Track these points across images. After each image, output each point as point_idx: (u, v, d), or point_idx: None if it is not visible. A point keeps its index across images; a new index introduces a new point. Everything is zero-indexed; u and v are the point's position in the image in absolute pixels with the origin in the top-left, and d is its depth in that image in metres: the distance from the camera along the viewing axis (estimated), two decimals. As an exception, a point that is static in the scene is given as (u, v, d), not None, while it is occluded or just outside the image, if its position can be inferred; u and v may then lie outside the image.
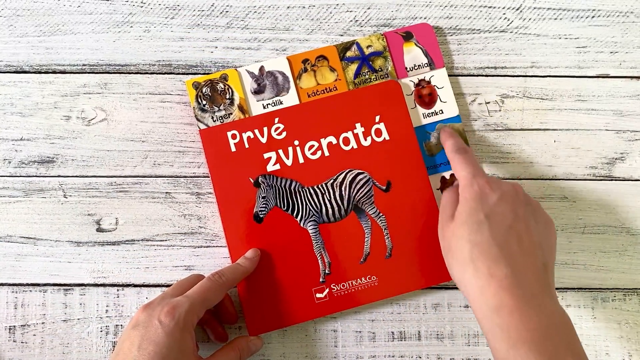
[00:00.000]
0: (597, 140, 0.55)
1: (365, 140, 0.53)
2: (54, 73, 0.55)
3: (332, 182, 0.53)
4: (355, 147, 0.53)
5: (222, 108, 0.54)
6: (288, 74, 0.54)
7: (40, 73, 0.55)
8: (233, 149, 0.53)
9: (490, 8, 0.56)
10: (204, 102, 0.54)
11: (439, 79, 0.55)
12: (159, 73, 0.55)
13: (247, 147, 0.53)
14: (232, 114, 0.54)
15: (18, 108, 0.54)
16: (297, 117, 0.53)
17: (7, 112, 0.54)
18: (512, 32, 0.56)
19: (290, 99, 0.54)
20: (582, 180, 0.55)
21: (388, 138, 0.53)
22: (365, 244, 0.52)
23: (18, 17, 0.55)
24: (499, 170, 0.55)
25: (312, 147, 0.53)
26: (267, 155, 0.53)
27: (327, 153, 0.53)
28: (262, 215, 0.52)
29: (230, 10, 0.56)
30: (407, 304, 0.53)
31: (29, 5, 0.55)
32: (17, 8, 0.55)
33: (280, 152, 0.53)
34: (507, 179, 0.55)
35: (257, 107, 0.54)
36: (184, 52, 0.55)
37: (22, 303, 0.53)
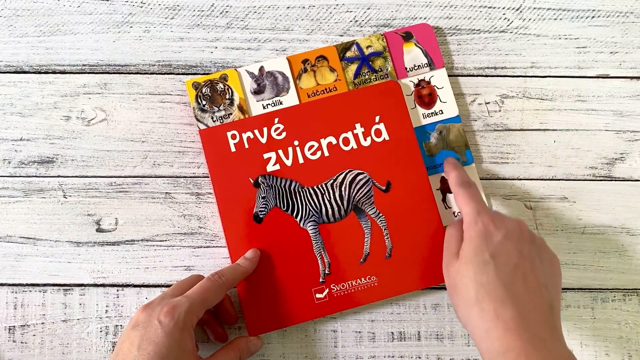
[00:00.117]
0: (597, 141, 0.55)
1: (365, 141, 0.53)
2: (54, 73, 0.55)
3: (332, 182, 0.53)
4: (355, 147, 0.53)
5: (222, 108, 0.54)
6: (288, 74, 0.54)
7: (40, 73, 0.55)
8: (233, 149, 0.53)
9: (490, 8, 0.56)
10: (204, 102, 0.54)
11: (439, 79, 0.55)
12: (159, 73, 0.55)
13: (246, 147, 0.53)
14: (231, 114, 0.54)
15: (18, 108, 0.54)
16: (297, 117, 0.53)
17: (6, 112, 0.54)
18: (512, 32, 0.56)
19: (290, 99, 0.54)
20: (582, 181, 0.55)
21: (388, 138, 0.53)
22: (365, 244, 0.52)
23: (18, 17, 0.55)
24: (499, 171, 0.55)
25: (312, 147, 0.53)
26: (266, 156, 0.53)
27: (327, 153, 0.53)
28: (261, 216, 0.52)
29: (230, 11, 0.56)
30: (406, 304, 0.53)
31: (29, 6, 0.55)
32: (17, 8, 0.55)
33: (280, 152, 0.53)
34: (507, 179, 0.55)
35: (257, 107, 0.54)
36: (184, 52, 0.55)
37: (21, 303, 0.53)
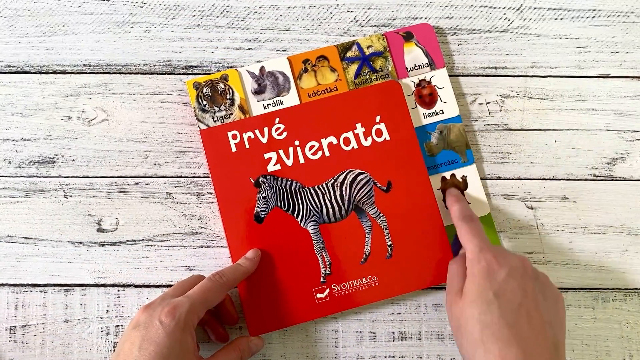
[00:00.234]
0: (597, 140, 0.55)
1: (366, 141, 0.53)
2: (55, 73, 0.55)
3: (332, 182, 0.53)
4: (356, 147, 0.53)
5: (222, 108, 0.54)
6: (288, 74, 0.54)
7: (41, 73, 0.55)
8: (234, 149, 0.53)
9: (491, 8, 0.56)
10: (205, 102, 0.54)
11: (440, 79, 0.55)
12: (160, 73, 0.55)
13: (247, 147, 0.53)
14: (232, 114, 0.54)
15: (18, 108, 0.54)
16: (297, 117, 0.53)
17: (7, 112, 0.54)
18: (512, 32, 0.56)
19: (291, 99, 0.54)
20: (582, 181, 0.55)
21: (389, 138, 0.53)
22: (366, 244, 0.52)
23: (18, 17, 0.55)
24: (500, 170, 0.55)
25: (312, 147, 0.53)
26: (267, 156, 0.53)
27: (327, 153, 0.53)
28: (262, 216, 0.52)
29: (231, 11, 0.56)
30: (407, 304, 0.53)
31: (30, 6, 0.55)
32: (17, 8, 0.55)
33: (281, 152, 0.53)
34: (507, 179, 0.55)
35: (257, 107, 0.54)
36: (185, 52, 0.55)
37: (22, 303, 0.53)
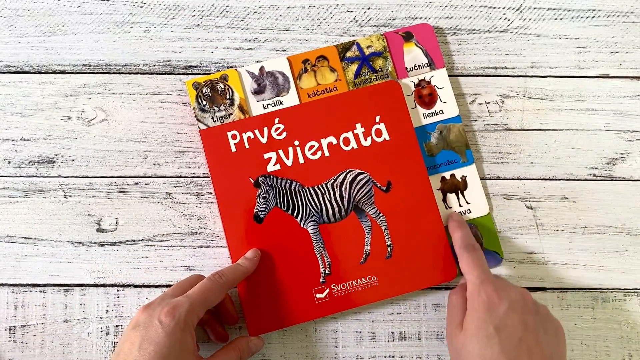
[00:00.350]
0: (597, 141, 0.55)
1: (366, 141, 0.53)
2: (54, 73, 0.55)
3: (332, 182, 0.53)
4: (356, 147, 0.53)
5: (222, 108, 0.54)
6: (288, 74, 0.54)
7: (41, 73, 0.55)
8: (233, 149, 0.53)
9: (491, 8, 0.56)
10: (204, 102, 0.54)
11: (439, 79, 0.55)
12: (159, 73, 0.55)
13: (247, 147, 0.53)
14: (232, 114, 0.54)
15: (18, 108, 0.54)
16: (297, 117, 0.53)
17: (7, 112, 0.54)
18: (512, 32, 0.56)
19: (291, 99, 0.54)
20: (582, 181, 0.55)
21: (388, 138, 0.53)
22: (366, 244, 0.52)
23: (18, 17, 0.55)
24: (500, 170, 0.55)
25: (312, 147, 0.53)
26: (267, 156, 0.53)
27: (327, 153, 0.53)
28: (262, 216, 0.52)
29: (231, 11, 0.56)
30: (407, 304, 0.53)
31: (29, 6, 0.55)
32: (17, 8, 0.55)
33: (281, 152, 0.53)
34: (507, 179, 0.55)
35: (257, 107, 0.54)
36: (184, 52, 0.55)
37: (22, 303, 0.53)
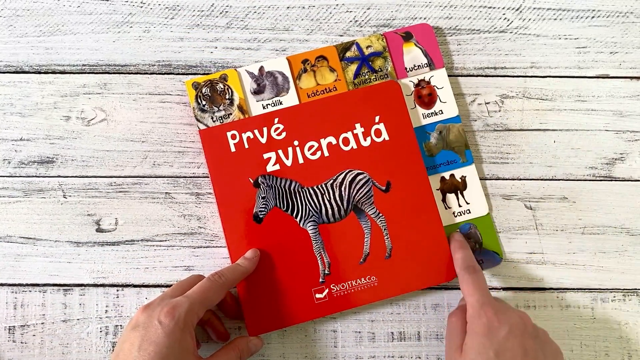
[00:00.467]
0: (596, 141, 0.55)
1: (365, 141, 0.53)
2: (54, 73, 0.55)
3: (331, 182, 0.53)
4: (355, 147, 0.53)
5: (221, 108, 0.54)
6: (288, 74, 0.54)
7: (40, 73, 0.55)
8: (233, 149, 0.53)
9: (490, 8, 0.56)
10: (204, 102, 0.54)
11: (439, 79, 0.55)
12: (159, 73, 0.55)
13: (246, 147, 0.53)
14: (231, 114, 0.54)
15: (18, 108, 0.54)
16: (296, 117, 0.53)
17: (6, 112, 0.54)
18: (512, 32, 0.56)
19: (290, 99, 0.54)
20: (582, 181, 0.55)
21: (388, 138, 0.53)
22: (365, 245, 0.52)
23: (18, 17, 0.55)
24: (499, 171, 0.55)
25: (311, 147, 0.53)
26: (266, 156, 0.53)
27: (326, 153, 0.53)
28: (261, 216, 0.52)
29: (230, 11, 0.56)
30: (406, 305, 0.53)
31: (29, 6, 0.55)
32: (16, 8, 0.55)
33: (280, 152, 0.53)
34: (507, 179, 0.55)
35: (256, 107, 0.54)
36: (184, 52, 0.55)
37: (21, 303, 0.53)
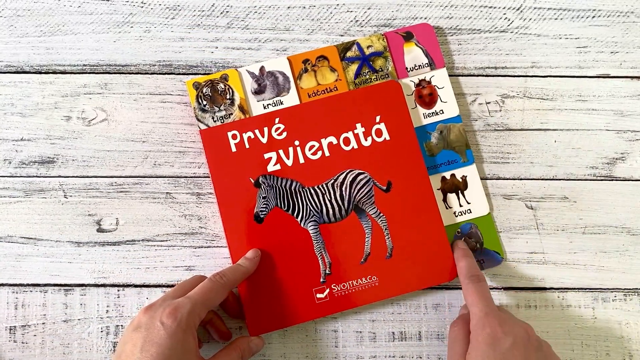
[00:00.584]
0: (597, 140, 0.55)
1: (366, 141, 0.53)
2: (55, 73, 0.55)
3: (332, 182, 0.53)
4: (356, 147, 0.53)
5: (222, 108, 0.54)
6: (288, 74, 0.54)
7: (41, 73, 0.55)
8: (233, 149, 0.53)
9: (491, 8, 0.56)
10: (205, 102, 0.53)
11: (440, 79, 0.55)
12: (160, 73, 0.55)
13: (247, 147, 0.53)
14: (232, 114, 0.54)
15: (18, 108, 0.54)
16: (297, 117, 0.53)
17: (7, 112, 0.54)
18: (512, 32, 0.56)
19: (291, 99, 0.54)
20: (582, 180, 0.55)
21: (388, 138, 0.53)
22: (366, 244, 0.52)
23: (18, 17, 0.55)
24: (500, 170, 0.55)
25: (312, 147, 0.53)
26: (267, 156, 0.53)
27: (327, 153, 0.53)
28: (262, 216, 0.52)
29: (231, 11, 0.56)
30: (407, 304, 0.53)
31: (30, 6, 0.55)
32: (17, 8, 0.55)
33: (281, 152, 0.53)
34: (507, 179, 0.55)
35: (257, 107, 0.54)
36: (185, 52, 0.55)
37: (22, 303, 0.53)
